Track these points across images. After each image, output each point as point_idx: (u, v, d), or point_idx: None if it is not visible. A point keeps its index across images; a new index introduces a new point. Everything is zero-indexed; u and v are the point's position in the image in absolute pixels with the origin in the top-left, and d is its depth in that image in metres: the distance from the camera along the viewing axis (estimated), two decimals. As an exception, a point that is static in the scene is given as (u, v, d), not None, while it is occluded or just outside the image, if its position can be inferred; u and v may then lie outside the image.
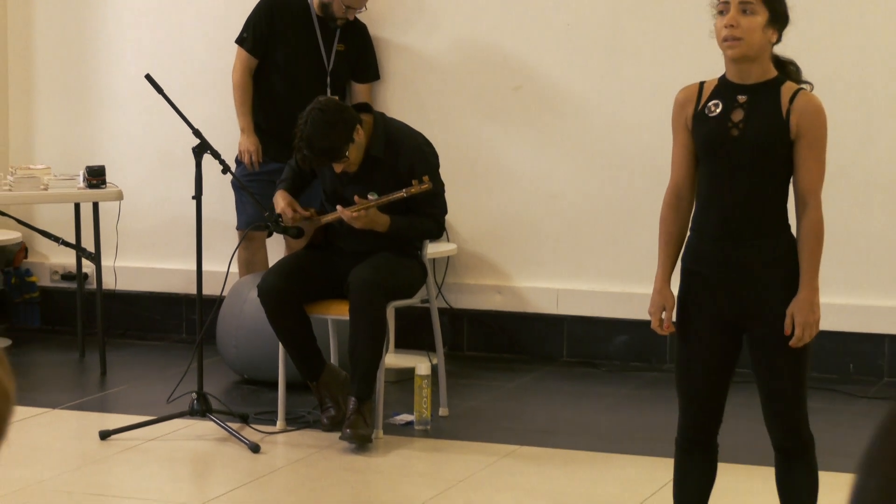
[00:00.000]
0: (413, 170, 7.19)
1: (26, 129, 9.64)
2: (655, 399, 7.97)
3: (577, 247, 8.82)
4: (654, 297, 5.28)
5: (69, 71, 9.54)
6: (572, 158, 8.77)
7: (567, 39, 8.73)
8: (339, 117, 7.10)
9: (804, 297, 5.13)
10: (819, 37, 8.13)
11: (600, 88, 8.69)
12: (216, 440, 7.21)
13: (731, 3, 5.12)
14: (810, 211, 5.15)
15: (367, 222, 7.13)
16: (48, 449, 7.13)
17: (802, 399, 5.26)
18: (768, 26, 5.14)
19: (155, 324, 9.46)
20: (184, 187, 7.92)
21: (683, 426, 5.39)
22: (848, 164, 8.11)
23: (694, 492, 5.45)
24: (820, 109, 5.16)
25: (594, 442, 7.25)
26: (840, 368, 8.33)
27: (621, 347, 8.78)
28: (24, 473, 6.62)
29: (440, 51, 8.93)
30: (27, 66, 9.60)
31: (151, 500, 6.45)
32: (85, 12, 9.47)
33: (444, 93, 8.89)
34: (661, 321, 5.27)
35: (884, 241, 8.30)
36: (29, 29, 9.59)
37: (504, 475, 6.79)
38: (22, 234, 9.35)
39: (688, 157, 5.27)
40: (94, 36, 9.48)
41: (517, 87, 8.84)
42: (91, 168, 8.55)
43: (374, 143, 7.23)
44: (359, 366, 7.12)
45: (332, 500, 6.51)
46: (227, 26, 8.84)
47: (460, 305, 9.01)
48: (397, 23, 8.97)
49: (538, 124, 8.82)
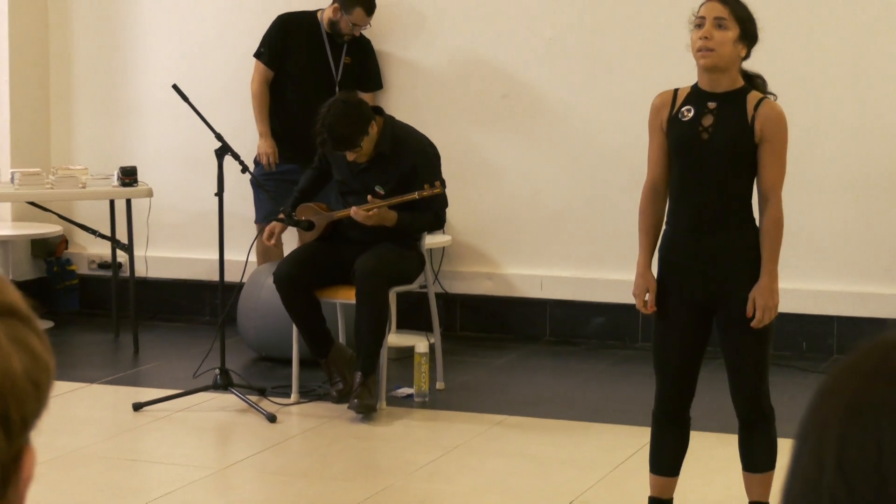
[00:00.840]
0: (415, 168, 7.21)
1: (66, 133, 9.62)
2: (628, 374, 7.97)
3: (559, 238, 8.81)
4: (638, 280, 5.28)
5: (104, 81, 9.52)
6: (554, 159, 8.76)
7: (550, 52, 8.72)
8: (358, 111, 7.13)
9: (765, 283, 5.13)
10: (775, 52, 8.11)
11: (579, 96, 8.69)
12: (237, 411, 7.19)
13: (707, 17, 5.13)
14: (772, 207, 5.15)
15: (378, 220, 7.14)
16: (87, 419, 7.12)
17: (764, 375, 5.26)
18: (738, 41, 5.15)
19: (182, 307, 9.45)
20: (207, 185, 7.90)
21: (660, 400, 5.38)
22: (802, 165, 8.09)
23: (669, 460, 5.45)
24: (782, 116, 5.17)
25: (574, 412, 7.25)
26: (795, 346, 8.33)
27: (598, 328, 8.78)
28: (66, 441, 6.60)
29: (437, 63, 8.92)
30: (67, 78, 9.58)
31: (179, 464, 6.44)
32: (119, 29, 9.45)
33: (439, 101, 8.87)
34: (645, 302, 5.28)
35: (833, 233, 8.30)
36: (68, 44, 9.56)
37: (494, 441, 6.78)
38: (63, 227, 9.33)
39: (663, 156, 5.28)
40: (126, 50, 9.46)
41: (505, 96, 8.83)
42: (124, 168, 8.55)
43: (382, 141, 7.24)
44: (364, 344, 7.11)
45: (340, 464, 6.50)
46: (247, 41, 8.82)
47: (454, 291, 9.00)
48: (399, 38, 8.96)
49: (524, 129, 8.81)
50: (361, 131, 7.11)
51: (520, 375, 8.07)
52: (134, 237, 8.63)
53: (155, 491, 6.04)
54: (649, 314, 5.31)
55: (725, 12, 5.13)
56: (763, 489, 5.34)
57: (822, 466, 1.13)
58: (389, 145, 7.25)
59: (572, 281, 8.81)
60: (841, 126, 8.26)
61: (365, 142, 7.14)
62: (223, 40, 9.21)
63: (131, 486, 6.16)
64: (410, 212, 7.23)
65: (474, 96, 8.87)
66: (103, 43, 9.50)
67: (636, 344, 8.58)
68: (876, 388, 1.14)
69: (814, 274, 8.31)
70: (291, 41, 8.57)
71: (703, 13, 5.17)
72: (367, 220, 7.11)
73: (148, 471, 6.49)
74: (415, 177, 7.20)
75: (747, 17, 5.19)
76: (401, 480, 6.22)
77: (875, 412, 1.13)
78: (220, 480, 6.32)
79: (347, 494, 5.99)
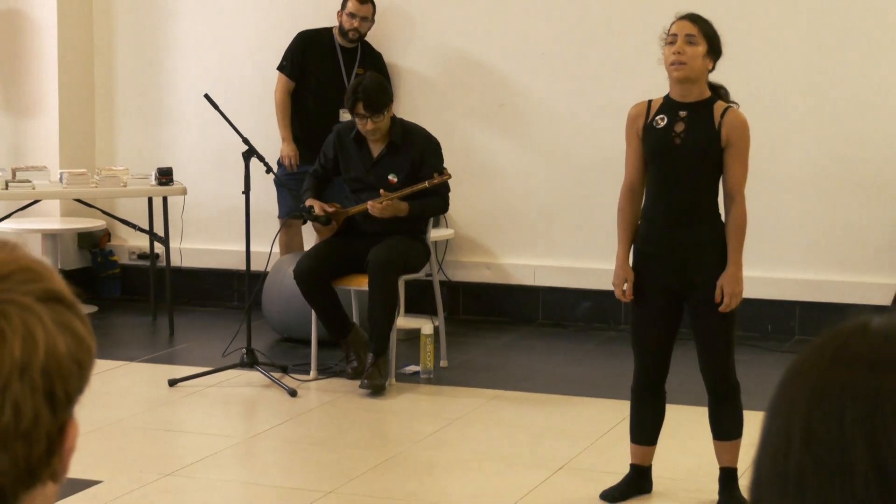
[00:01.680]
0: (424, 156, 7.26)
1: (109, 138, 9.61)
2: (612, 353, 7.96)
3: (550, 231, 8.81)
4: (617, 271, 5.30)
5: (143, 92, 9.51)
6: (546, 161, 8.76)
7: (542, 66, 8.71)
8: (386, 85, 7.39)
9: (731, 272, 5.16)
10: (744, 65, 8.11)
11: (568, 104, 8.68)
12: (262, 386, 7.19)
13: (678, 34, 5.15)
14: (736, 204, 5.18)
15: (393, 212, 7.15)
16: (127, 394, 7.12)
17: (730, 353, 5.27)
18: (707, 56, 5.18)
19: (212, 294, 9.44)
20: (235, 184, 7.90)
21: (638, 376, 5.39)
22: (768, 165, 8.09)
23: (648, 430, 5.46)
24: (745, 123, 5.19)
25: (564, 387, 7.25)
26: (761, 329, 8.32)
27: (585, 312, 8.77)
28: (108, 414, 6.60)
29: (442, 75, 8.91)
30: (109, 88, 9.57)
31: (210, 434, 6.44)
32: (156, 44, 9.44)
33: (443, 108, 8.86)
34: (623, 291, 5.28)
35: (796, 227, 8.29)
36: (111, 59, 9.56)
37: (492, 413, 6.77)
38: (106, 222, 9.33)
39: (639, 160, 5.29)
40: (163, 63, 9.45)
41: (502, 104, 8.82)
42: (161, 169, 8.55)
43: (394, 132, 7.28)
44: (376, 327, 7.11)
45: (354, 434, 6.49)
46: (270, 56, 8.82)
47: (457, 279, 8.99)
48: (408, 52, 8.95)
49: (519, 134, 8.81)
50: (387, 102, 7.23)
51: (515, 354, 8.06)
52: (170, 231, 8.64)
53: (188, 458, 6.04)
54: (628, 302, 5.32)
55: (695, 30, 5.17)
56: (732, 455, 5.35)
57: (789, 441, 1.14)
58: (400, 136, 7.29)
59: (562, 270, 8.80)
60: (803, 131, 8.25)
61: (385, 117, 7.19)
62: (249, 55, 9.20)
63: (167, 453, 6.15)
64: (419, 200, 7.24)
65: (475, 105, 8.86)
66: (142, 57, 9.49)
67: (619, 326, 8.58)
68: (837, 372, 1.14)
69: (778, 263, 8.30)
70: (310, 55, 8.57)
71: (674, 31, 5.20)
72: (382, 212, 7.13)
73: (182, 440, 6.48)
74: (422, 164, 7.24)
75: (713, 34, 5.23)
76: (408, 448, 6.21)
77: (837, 392, 1.13)
78: (246, 448, 6.32)
79: (360, 461, 5.98)
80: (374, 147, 7.32)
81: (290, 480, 5.82)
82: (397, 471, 5.88)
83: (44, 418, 1.30)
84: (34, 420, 1.30)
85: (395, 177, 7.24)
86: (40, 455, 1.32)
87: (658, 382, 5.37)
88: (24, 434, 1.29)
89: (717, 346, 5.24)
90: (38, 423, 1.30)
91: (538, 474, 5.80)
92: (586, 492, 5.57)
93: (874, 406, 1.11)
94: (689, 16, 5.23)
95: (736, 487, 5.33)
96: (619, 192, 5.35)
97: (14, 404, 1.28)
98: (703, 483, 5.57)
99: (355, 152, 7.33)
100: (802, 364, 1.18)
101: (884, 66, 8.12)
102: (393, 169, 7.27)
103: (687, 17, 5.21)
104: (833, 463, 1.11)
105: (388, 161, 7.29)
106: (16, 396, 1.28)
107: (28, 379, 1.29)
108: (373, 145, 7.33)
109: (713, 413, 5.37)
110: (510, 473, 5.83)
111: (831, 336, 1.18)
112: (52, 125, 9.33)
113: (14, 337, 1.28)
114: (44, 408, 1.30)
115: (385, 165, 7.29)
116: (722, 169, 5.19)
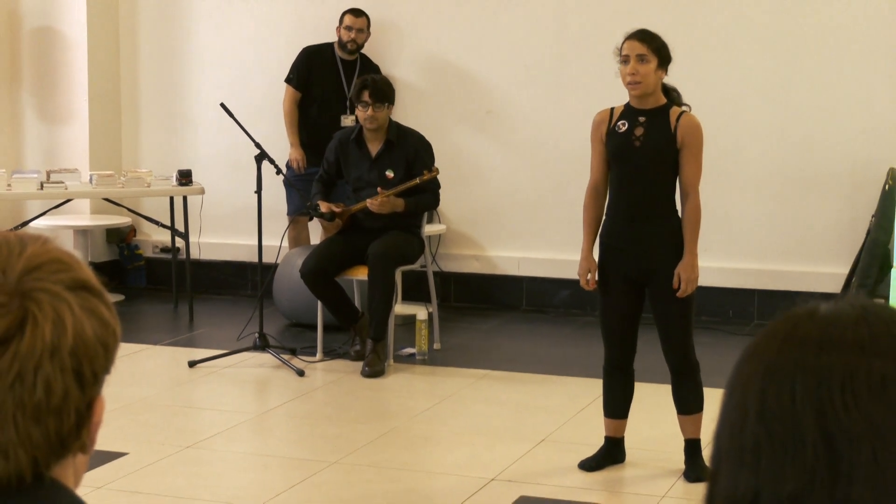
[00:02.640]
0: (417, 153, 7.28)
1: (134, 143, 9.60)
2: (589, 337, 7.95)
3: (533, 226, 8.80)
4: (582, 263, 5.34)
5: (165, 100, 9.50)
6: (529, 162, 8.75)
7: (526, 77, 8.71)
8: (390, 83, 7.41)
9: (687, 261, 5.19)
10: (705, 74, 8.12)
11: (549, 111, 8.67)
12: (272, 367, 7.19)
13: (630, 55, 5.15)
14: (691, 199, 5.21)
15: (391, 207, 7.16)
16: (150, 374, 7.11)
17: (689, 334, 5.29)
18: (658, 68, 5.18)
19: (228, 283, 9.43)
20: (249, 185, 7.89)
21: (607, 357, 5.41)
22: (727, 165, 8.10)
23: (619, 405, 5.47)
24: (698, 126, 5.22)
25: (544, 367, 7.25)
26: (722, 314, 8.32)
27: (565, 299, 8.77)
28: (133, 392, 6.60)
29: (432, 84, 8.91)
30: (135, 98, 9.56)
31: (226, 410, 6.43)
32: (177, 57, 9.43)
33: (435, 115, 8.85)
34: (587, 281, 5.31)
35: (754, 221, 8.29)
36: (136, 71, 9.54)
37: (480, 391, 6.77)
38: (132, 219, 9.32)
39: (602, 162, 5.32)
40: (183, 75, 9.44)
41: (489, 111, 8.82)
42: (181, 171, 8.54)
43: (390, 132, 7.28)
44: (375, 315, 7.10)
45: (356, 410, 6.49)
46: (279, 68, 8.81)
47: (449, 269, 8.99)
48: (402, 64, 8.94)
49: (505, 137, 8.80)
50: (391, 95, 7.25)
51: (501, 338, 8.06)
52: (189, 226, 8.64)
53: (206, 432, 6.04)
54: (592, 290, 5.34)
55: (644, 48, 5.15)
56: (694, 427, 5.36)
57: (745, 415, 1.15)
58: (396, 135, 7.30)
59: (544, 261, 8.80)
60: (759, 133, 8.26)
61: (385, 112, 7.19)
62: (260, 68, 9.19)
63: (187, 427, 6.15)
64: (415, 196, 7.24)
65: (463, 112, 8.86)
66: (164, 70, 9.48)
67: (595, 312, 8.51)
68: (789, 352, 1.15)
69: (738, 254, 8.30)
70: (314, 69, 8.56)
71: (626, 51, 5.19)
72: (381, 208, 7.13)
73: (200, 415, 6.48)
74: (416, 160, 7.25)
75: (661, 45, 5.20)
76: (405, 423, 6.21)
77: (789, 370, 1.14)
78: (259, 423, 6.31)
79: (362, 434, 5.98)
80: (373, 146, 7.32)
81: (298, 452, 5.82)
82: (395, 443, 5.88)
83: (73, 395, 1.32)
84: (64, 397, 1.31)
85: (392, 172, 7.25)
86: (70, 428, 1.33)
87: (626, 362, 5.38)
88: (55, 409, 1.31)
89: (677, 328, 5.25)
90: (68, 400, 1.31)
91: (522, 446, 5.80)
92: (565, 462, 5.57)
93: (822, 382, 1.12)
94: (638, 35, 5.20)
95: (700, 457, 5.34)
96: (585, 192, 5.38)
97: (46, 383, 1.29)
98: (670, 454, 5.57)
99: (356, 152, 7.34)
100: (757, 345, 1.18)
101: (833, 75, 8.13)
102: (390, 165, 7.28)
103: (636, 37, 5.18)
104: (785, 434, 1.12)
105: (386, 158, 7.30)
106: (47, 375, 1.29)
107: (58, 360, 1.30)
108: (371, 144, 7.32)
109: (676, 389, 5.38)
110: (497, 445, 5.83)
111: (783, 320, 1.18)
112: (82, 132, 9.32)
113: (45, 322, 1.30)
114: (73, 386, 1.31)
115: (383, 162, 7.30)
116: (678, 168, 5.20)
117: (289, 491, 5.20)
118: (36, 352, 1.29)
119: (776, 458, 1.11)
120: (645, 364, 5.67)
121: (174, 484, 5.27)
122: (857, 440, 1.09)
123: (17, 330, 1.29)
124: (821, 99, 8.15)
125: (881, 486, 1.09)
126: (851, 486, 1.09)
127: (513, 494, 5.17)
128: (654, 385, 6.35)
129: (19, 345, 1.28)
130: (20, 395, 1.29)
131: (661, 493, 5.23)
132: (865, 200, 8.09)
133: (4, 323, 1.28)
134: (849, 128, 8.11)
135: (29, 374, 1.28)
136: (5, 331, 1.28)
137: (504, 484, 5.30)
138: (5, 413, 1.29)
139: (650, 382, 6.26)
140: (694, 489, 5.25)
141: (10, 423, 1.29)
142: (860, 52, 8.08)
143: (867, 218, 8.04)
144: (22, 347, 1.28)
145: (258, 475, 5.48)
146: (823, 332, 1.15)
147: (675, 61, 5.32)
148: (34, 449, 1.31)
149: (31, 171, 8.49)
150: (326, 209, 7.30)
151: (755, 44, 8.24)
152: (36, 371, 1.29)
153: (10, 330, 1.28)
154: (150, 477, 5.35)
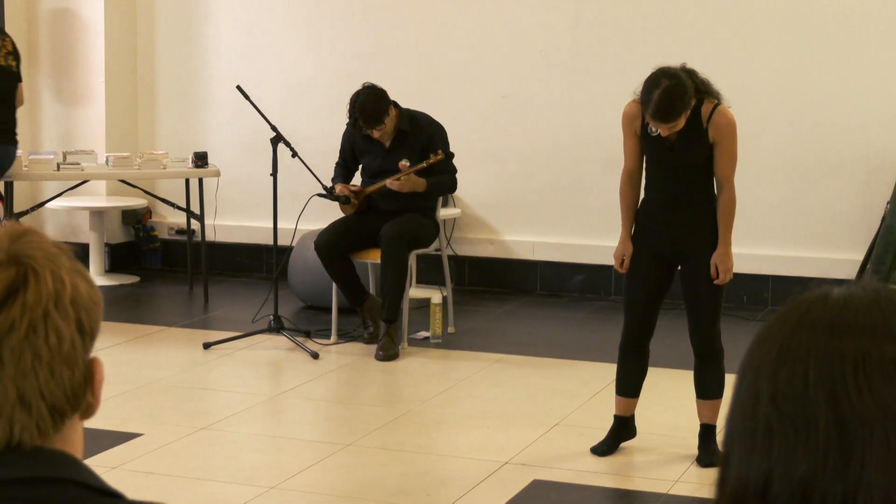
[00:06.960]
0: (431, 138, 7.26)
1: (150, 125, 9.61)
2: (603, 321, 7.96)
3: (548, 211, 8.80)
4: (619, 247, 5.36)
5: (181, 83, 9.51)
6: (544, 147, 8.74)
7: (540, 61, 8.69)
8: (381, 94, 7.16)
9: (723, 251, 5.21)
10: (727, 65, 8.10)
11: (564, 96, 8.66)
12: (287, 349, 7.20)
13: (661, 129, 5.04)
14: (726, 191, 5.21)
15: (411, 186, 7.16)
16: (166, 355, 7.13)
17: (717, 318, 5.31)
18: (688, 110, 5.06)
19: (243, 266, 9.45)
20: (264, 167, 7.90)
21: (625, 334, 5.42)
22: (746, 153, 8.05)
23: (631, 383, 5.48)
24: (730, 122, 5.17)
25: (558, 351, 7.25)
26: (737, 300, 8.32)
27: (579, 283, 8.77)
28: (149, 373, 6.62)
29: (447, 69, 8.89)
30: (151, 80, 9.57)
31: (241, 392, 6.45)
32: (193, 40, 9.43)
33: (451, 100, 8.84)
34: (621, 264, 5.31)
35: (770, 208, 8.29)
36: (153, 54, 9.55)
37: (494, 375, 6.78)
38: (148, 201, 9.34)
39: (636, 151, 5.32)
40: (199, 58, 9.44)
41: (504, 96, 8.80)
42: (197, 153, 8.55)
43: (402, 121, 7.26)
44: (388, 297, 7.11)
45: (370, 392, 6.51)
46: (294, 49, 8.80)
47: (463, 253, 8.99)
48: (420, 47, 8.93)
49: (520, 122, 8.79)
50: (385, 109, 7.12)
51: (515, 322, 8.07)
52: (205, 208, 8.64)
53: (221, 413, 6.06)
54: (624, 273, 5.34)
55: (673, 123, 5.03)
56: (712, 413, 5.37)
57: (758, 398, 1.15)
58: (408, 123, 7.28)
59: (558, 246, 8.79)
60: (774, 120, 8.25)
61: (388, 121, 7.14)
62: (276, 50, 9.19)
63: (202, 409, 6.17)
64: (435, 176, 7.24)
65: (479, 97, 8.85)
66: (181, 52, 9.48)
67: (609, 297, 8.58)
68: (801, 335, 1.16)
69: (753, 241, 8.29)
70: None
71: (654, 128, 5.06)
72: (402, 187, 7.14)
73: (215, 397, 6.50)
74: (430, 146, 7.24)
75: (684, 106, 5.00)
76: (419, 406, 6.22)
77: (802, 353, 1.14)
78: (273, 405, 6.33)
79: (376, 417, 5.99)
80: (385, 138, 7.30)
81: (312, 434, 5.84)
82: (409, 426, 5.89)
83: (78, 346, 1.38)
84: (72, 344, 1.38)
85: (407, 161, 7.23)
86: (80, 381, 1.39)
87: (643, 341, 5.39)
88: (66, 359, 1.37)
89: (706, 311, 5.27)
90: (75, 349, 1.38)
91: (536, 430, 5.81)
92: (578, 446, 5.58)
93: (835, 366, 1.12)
94: (661, 116, 4.97)
95: (713, 441, 5.34)
96: (620, 178, 5.36)
97: (56, 330, 1.36)
98: (683, 439, 5.58)
99: (369, 144, 7.32)
100: (770, 329, 1.19)
101: (848, 62, 8.11)
102: (405, 154, 7.26)
103: (661, 119, 4.97)
104: (797, 417, 1.12)
105: (399, 148, 7.28)
106: (56, 323, 1.36)
107: (62, 308, 1.37)
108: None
109: (698, 373, 5.38)
110: (510, 429, 5.84)
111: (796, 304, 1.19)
112: (99, 113, 9.33)
113: (45, 273, 1.37)
114: (76, 336, 1.38)
115: (397, 153, 7.28)
116: (712, 162, 5.19)
117: (302, 473, 5.22)
118: (42, 301, 1.36)
119: (788, 442, 1.12)
120: (661, 349, 5.67)
121: (189, 465, 5.29)
122: (870, 423, 1.10)
123: (21, 283, 1.36)
124: (836, 86, 8.13)
125: (893, 469, 1.09)
126: (863, 470, 1.09)
127: (526, 478, 5.18)
128: (669, 370, 6.36)
129: (26, 295, 1.35)
130: (35, 345, 1.35)
131: (674, 477, 5.23)
132: (880, 187, 8.07)
133: (8, 276, 1.36)
134: (864, 115, 8.09)
135: (40, 323, 1.35)
136: (10, 284, 1.35)
137: (517, 467, 5.32)
138: (25, 364, 1.34)
139: (666, 367, 6.26)
140: (707, 474, 5.26)
141: (31, 373, 1.35)
142: (875, 39, 8.06)
143: (882, 204, 8.02)
144: (29, 297, 1.35)
145: (272, 457, 5.50)
146: (836, 315, 1.15)
147: (690, 49, 5.30)
148: (53, 399, 1.36)
149: (48, 151, 8.51)
150: (341, 191, 7.31)
151: (770, 31, 8.22)
152: (45, 319, 1.36)
153: (15, 283, 1.36)
154: (164, 458, 5.37)
